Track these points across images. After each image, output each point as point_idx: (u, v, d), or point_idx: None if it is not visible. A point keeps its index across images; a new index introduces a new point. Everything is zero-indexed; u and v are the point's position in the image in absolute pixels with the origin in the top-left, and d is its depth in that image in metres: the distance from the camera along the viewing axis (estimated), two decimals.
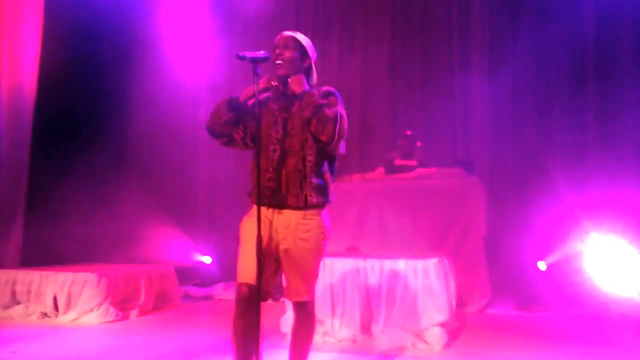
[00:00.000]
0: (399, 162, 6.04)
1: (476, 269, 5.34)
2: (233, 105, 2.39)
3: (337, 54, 7.39)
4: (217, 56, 6.93)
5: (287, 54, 2.40)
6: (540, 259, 5.75)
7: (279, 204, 2.35)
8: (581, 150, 6.23)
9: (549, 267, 5.66)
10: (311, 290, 2.40)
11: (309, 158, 2.34)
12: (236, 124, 2.41)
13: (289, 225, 2.34)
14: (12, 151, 5.72)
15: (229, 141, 2.46)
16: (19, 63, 5.84)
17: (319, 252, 2.38)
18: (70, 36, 6.37)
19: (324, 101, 2.35)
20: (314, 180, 2.35)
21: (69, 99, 6.39)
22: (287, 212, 2.35)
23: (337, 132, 2.27)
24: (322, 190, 2.38)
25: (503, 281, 5.70)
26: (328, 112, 2.29)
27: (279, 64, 2.38)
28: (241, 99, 2.40)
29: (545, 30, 6.48)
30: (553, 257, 5.66)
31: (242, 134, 2.44)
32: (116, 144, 7.23)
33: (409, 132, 6.14)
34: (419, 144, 6.15)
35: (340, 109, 2.36)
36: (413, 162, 5.97)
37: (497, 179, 6.43)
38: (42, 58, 5.95)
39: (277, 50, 2.41)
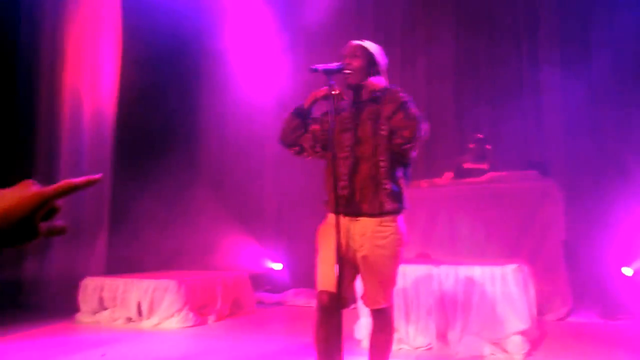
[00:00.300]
0: (468, 165, 5.90)
1: (556, 275, 5.12)
2: (298, 112, 2.49)
3: (400, 58, 7.33)
4: (283, 70, 7.06)
5: (356, 63, 2.43)
6: (625, 264, 5.44)
7: (354, 212, 2.36)
8: None
9: (635, 272, 5.35)
10: (389, 297, 2.40)
11: (382, 164, 2.35)
12: (303, 129, 2.48)
13: (365, 232, 2.35)
14: (94, 168, 6.08)
15: (300, 150, 2.53)
16: (99, 84, 6.24)
17: (397, 259, 2.38)
18: (146, 56, 6.71)
19: (408, 97, 2.37)
20: (388, 186, 2.35)
21: (146, 118, 6.74)
22: (363, 220, 2.36)
23: (418, 130, 2.29)
24: (397, 196, 2.38)
25: (585, 288, 5.44)
26: (413, 109, 2.32)
27: (348, 73, 2.42)
28: (305, 105, 2.49)
29: (620, 23, 6.17)
30: (639, 262, 5.35)
31: (311, 142, 2.49)
32: (190, 159, 7.53)
33: (480, 135, 6.00)
34: (489, 147, 5.99)
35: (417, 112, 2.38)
36: (484, 166, 5.82)
37: (575, 180, 6.15)
38: (121, 79, 6.32)
39: (345, 60, 2.44)
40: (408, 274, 4.00)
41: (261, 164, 7.73)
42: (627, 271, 5.39)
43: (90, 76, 6.19)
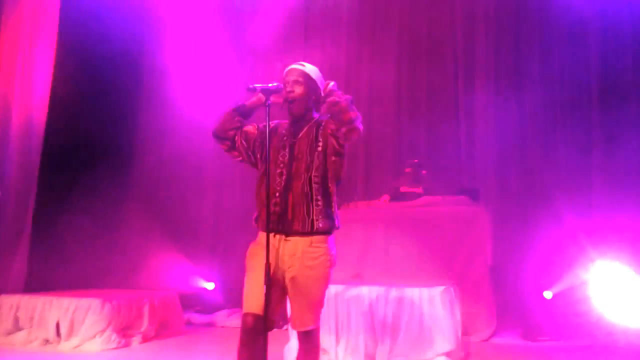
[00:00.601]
0: (404, 189, 6.04)
1: (481, 297, 5.28)
2: (240, 111, 2.50)
3: (344, 77, 7.46)
4: (226, 88, 6.97)
5: (298, 90, 2.44)
6: (546, 288, 5.69)
7: (285, 230, 2.34)
8: (587, 177, 6.22)
9: (555, 295, 5.61)
10: (317, 319, 2.38)
11: (315, 180, 2.35)
12: (239, 126, 2.50)
13: (295, 253, 2.34)
14: (20, 177, 5.76)
15: (232, 146, 2.52)
16: (30, 90, 5.94)
17: (326, 280, 2.37)
18: (81, 65, 6.49)
19: (349, 97, 2.34)
20: (320, 204, 2.35)
21: (78, 127, 6.48)
22: (293, 240, 2.34)
23: (354, 112, 2.23)
24: (329, 215, 2.38)
25: (509, 310, 5.64)
26: (343, 102, 2.25)
27: (291, 101, 2.44)
28: (248, 105, 2.51)
29: (549, 57, 6.56)
30: (559, 286, 5.61)
31: (245, 144, 2.49)
32: (122, 173, 7.27)
33: (415, 160, 6.16)
34: (424, 172, 6.16)
35: None
36: (419, 190, 5.97)
37: (503, 206, 6.41)
38: (53, 85, 6.05)
39: (287, 86, 2.44)
40: (340, 295, 4.02)
41: (197, 179, 7.59)
42: (547, 294, 5.64)
43: (21, 82, 5.89)
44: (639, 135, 5.91)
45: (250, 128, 2.53)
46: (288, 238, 2.35)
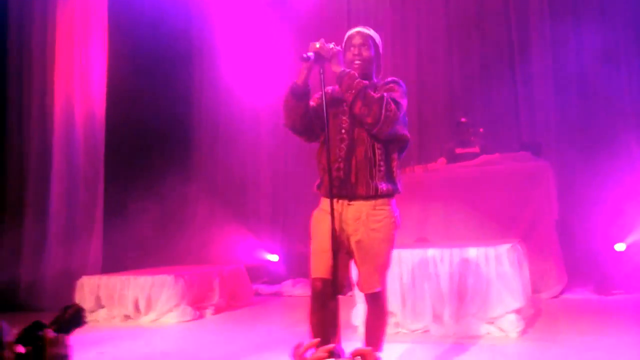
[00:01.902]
0: (459, 150, 5.92)
1: (550, 254, 5.16)
2: (296, 92, 2.36)
3: (391, 43, 7.31)
4: (275, 64, 6.99)
5: (365, 53, 2.43)
6: (618, 240, 5.48)
7: (349, 195, 2.34)
8: None
9: (628, 247, 5.40)
10: (384, 281, 2.40)
11: (378, 145, 2.34)
12: (305, 109, 2.37)
13: (359, 217, 2.34)
14: (88, 165, 6.08)
15: (312, 135, 2.44)
16: (89, 83, 6.22)
17: (391, 242, 2.38)
18: (134, 55, 6.70)
19: (367, 82, 2.32)
20: (383, 169, 2.34)
21: (137, 116, 6.73)
22: (356, 204, 2.35)
23: (383, 113, 2.23)
24: (392, 179, 2.37)
25: (579, 265, 5.49)
26: (373, 93, 2.27)
27: (357, 63, 2.41)
28: (299, 81, 2.36)
29: (611, 11, 6.18)
30: (631, 237, 5.39)
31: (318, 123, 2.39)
32: (182, 154, 7.51)
33: (463, 119, 6.00)
34: (481, 129, 6.00)
35: (398, 95, 2.33)
36: (475, 149, 5.84)
37: (567, 158, 6.17)
38: (110, 74, 6.29)
39: (354, 50, 2.42)
40: (404, 258, 4.02)
41: (253, 154, 7.71)
42: (620, 247, 5.44)
43: (80, 76, 6.17)
44: None
45: (314, 103, 2.45)
46: (351, 202, 2.36)
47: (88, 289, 5.24)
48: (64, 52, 6.14)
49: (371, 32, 2.49)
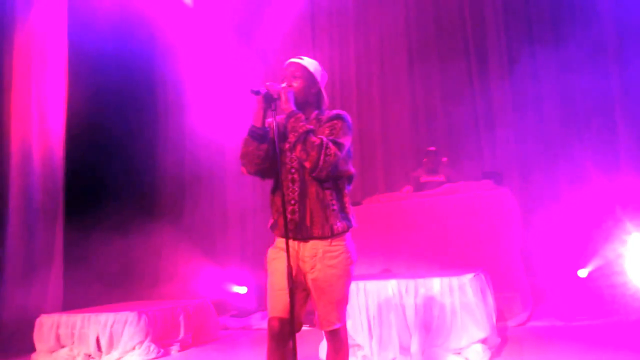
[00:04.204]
0: (424, 178, 6.00)
1: (515, 281, 5.21)
2: (255, 135, 2.35)
3: (355, 73, 7.44)
4: (238, 93, 7.03)
5: (295, 84, 2.42)
6: (581, 266, 5.59)
7: (305, 237, 2.33)
8: (615, 150, 6.06)
9: (590, 273, 5.50)
10: (342, 317, 2.38)
11: (327, 185, 2.33)
12: (263, 152, 2.34)
13: (315, 254, 2.34)
14: (47, 200, 5.94)
15: (267, 175, 2.42)
16: (47, 117, 6.11)
17: (348, 277, 2.37)
18: (95, 83, 6.62)
19: (311, 126, 2.32)
20: (336, 207, 2.35)
21: (98, 146, 6.65)
22: (312, 242, 2.34)
23: (321, 159, 2.24)
24: (345, 216, 2.38)
25: (544, 292, 5.56)
26: (313, 138, 2.27)
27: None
28: (257, 124, 2.35)
29: (565, 33, 6.40)
30: (593, 263, 5.50)
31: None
32: (147, 187, 7.41)
33: (432, 148, 6.12)
34: (444, 159, 6.11)
35: (340, 134, 2.32)
36: (440, 178, 5.93)
37: (529, 187, 6.32)
38: (70, 107, 6.20)
39: (286, 81, 2.43)
40: (370, 290, 4.02)
41: (221, 185, 7.68)
42: (582, 273, 5.54)
43: (38, 113, 6.05)
44: None
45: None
46: (307, 241, 2.35)
47: (47, 328, 5.06)
48: (20, 87, 6.01)
49: (304, 61, 2.47)
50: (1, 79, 6.02)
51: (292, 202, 2.34)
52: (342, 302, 2.37)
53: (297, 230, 2.32)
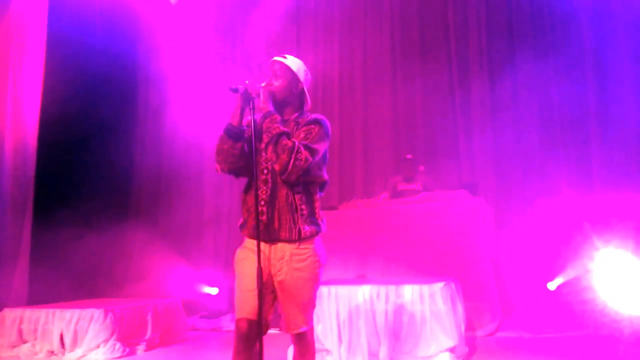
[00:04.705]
0: (402, 186, 6.02)
1: (485, 291, 5.25)
2: (231, 133, 2.33)
3: (338, 76, 7.44)
4: (220, 89, 6.98)
5: (276, 83, 2.39)
6: (550, 279, 5.65)
7: (272, 239, 2.31)
8: (587, 165, 6.16)
9: (559, 287, 5.57)
10: (309, 320, 2.36)
11: (297, 189, 2.31)
12: (238, 151, 2.33)
13: (283, 256, 2.31)
14: (16, 191, 5.80)
15: (241, 174, 2.41)
16: (21, 105, 5.99)
17: (315, 281, 2.35)
18: (74, 75, 6.51)
19: (285, 129, 2.30)
20: (306, 212, 2.32)
21: (72, 140, 6.51)
22: (280, 245, 2.32)
23: (291, 162, 2.22)
24: (314, 220, 2.36)
25: (513, 303, 5.61)
26: (285, 141, 2.24)
27: (270, 92, 2.37)
28: (233, 122, 2.34)
29: (544, 41, 6.49)
30: (562, 277, 5.57)
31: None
32: (120, 182, 7.29)
33: (409, 156, 6.15)
34: (422, 168, 6.14)
35: (315, 139, 2.30)
36: (417, 186, 5.95)
37: (503, 199, 6.38)
38: (45, 99, 6.08)
39: (267, 79, 2.40)
40: (341, 295, 4.01)
41: (196, 185, 7.60)
42: (551, 286, 5.60)
43: (13, 103, 5.92)
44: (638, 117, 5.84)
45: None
46: (275, 243, 2.33)
47: (9, 322, 4.96)
48: None
49: (288, 60, 2.44)
50: None
51: (262, 203, 2.30)
52: (308, 305, 2.35)
53: (265, 231, 2.30)
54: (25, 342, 4.92)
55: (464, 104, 6.87)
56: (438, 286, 3.89)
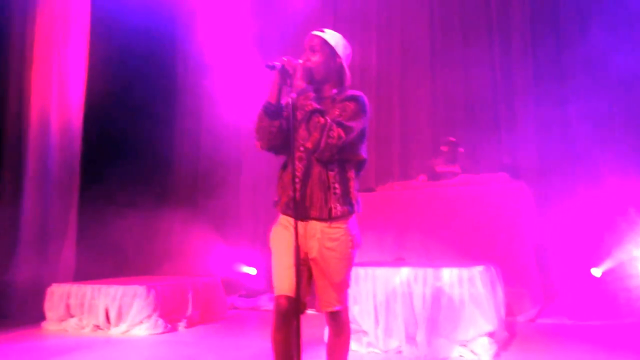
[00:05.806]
0: (440, 168, 5.93)
1: (527, 276, 5.15)
2: (269, 110, 2.32)
3: (376, 60, 7.35)
4: (260, 74, 6.97)
5: (313, 58, 2.34)
6: (595, 265, 5.50)
7: (303, 216, 2.27)
8: (635, 150, 5.92)
9: (604, 273, 5.41)
10: (343, 299, 2.34)
11: (332, 167, 2.27)
12: (277, 129, 2.31)
13: (314, 234, 2.29)
14: (63, 171, 5.99)
15: (281, 151, 2.39)
16: (67, 89, 6.14)
17: (348, 261, 2.31)
18: (117, 55, 6.63)
19: (318, 106, 2.25)
20: (339, 191, 2.28)
21: (116, 119, 6.65)
22: (312, 223, 2.30)
23: (323, 140, 2.18)
24: (347, 200, 2.30)
25: (556, 289, 5.49)
26: (318, 118, 2.21)
27: (307, 68, 2.31)
28: (271, 100, 2.32)
29: (590, 31, 6.24)
30: (608, 263, 5.41)
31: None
32: (162, 163, 7.44)
33: (452, 138, 6.03)
34: (461, 150, 6.03)
35: (351, 116, 2.25)
36: (456, 168, 5.85)
37: (547, 182, 6.19)
38: (90, 79, 6.22)
39: (304, 55, 2.35)
40: (378, 277, 3.99)
41: (236, 165, 7.67)
42: (596, 272, 5.45)
43: (58, 81, 6.07)
44: None
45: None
46: (307, 221, 2.30)
47: (58, 297, 5.16)
48: (42, 57, 6.05)
49: (326, 34, 2.38)
50: (23, 47, 6.05)
51: (296, 180, 2.27)
52: (341, 284, 2.32)
53: (297, 209, 2.27)
54: (72, 316, 5.11)
55: (507, 87, 6.69)
56: (477, 269, 3.83)
